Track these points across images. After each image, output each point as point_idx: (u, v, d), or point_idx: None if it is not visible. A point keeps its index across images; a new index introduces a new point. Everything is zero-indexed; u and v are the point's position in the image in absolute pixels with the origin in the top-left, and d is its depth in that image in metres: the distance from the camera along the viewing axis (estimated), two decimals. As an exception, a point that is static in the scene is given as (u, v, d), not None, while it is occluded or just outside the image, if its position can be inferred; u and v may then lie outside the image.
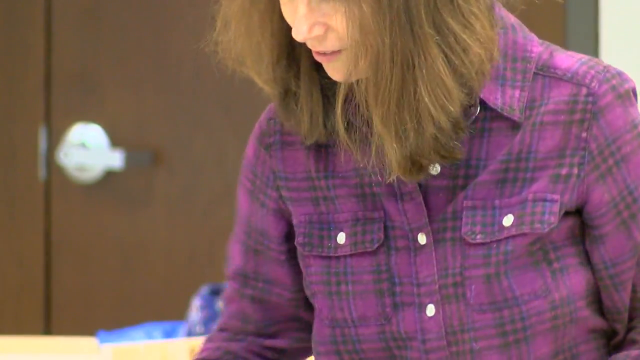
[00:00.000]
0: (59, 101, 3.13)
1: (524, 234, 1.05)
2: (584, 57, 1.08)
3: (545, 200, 1.05)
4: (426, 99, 0.99)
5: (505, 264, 1.05)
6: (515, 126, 1.05)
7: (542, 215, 1.04)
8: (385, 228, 1.08)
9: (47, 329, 3.10)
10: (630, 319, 1.09)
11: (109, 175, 3.13)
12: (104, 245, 3.13)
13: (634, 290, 1.07)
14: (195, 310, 2.53)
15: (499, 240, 1.05)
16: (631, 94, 1.07)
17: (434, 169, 1.06)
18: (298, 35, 1.00)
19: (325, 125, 1.08)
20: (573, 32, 2.97)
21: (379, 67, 1.00)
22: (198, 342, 2.16)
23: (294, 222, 1.14)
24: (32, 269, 3.13)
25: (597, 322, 1.09)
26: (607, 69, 1.06)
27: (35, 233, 3.13)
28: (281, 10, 1.03)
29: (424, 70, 0.99)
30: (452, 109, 1.01)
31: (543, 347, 1.06)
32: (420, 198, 1.07)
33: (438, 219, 1.07)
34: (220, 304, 2.51)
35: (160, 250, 3.11)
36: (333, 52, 1.02)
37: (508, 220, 1.05)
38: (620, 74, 1.07)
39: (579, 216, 1.07)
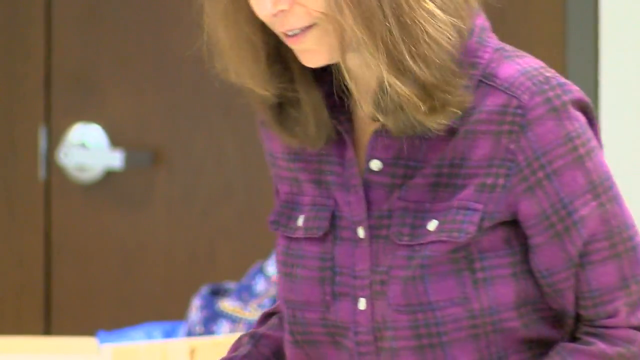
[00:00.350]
0: (59, 101, 3.13)
1: (443, 241, 1.05)
2: (530, 67, 1.07)
3: (467, 209, 1.05)
4: (428, 29, 1.01)
5: (423, 268, 1.05)
6: (452, 131, 1.05)
7: (461, 224, 1.05)
8: (334, 217, 1.10)
9: (47, 329, 3.10)
10: (577, 322, 1.09)
11: (109, 175, 3.13)
12: (104, 245, 3.13)
13: (577, 298, 1.07)
14: (195, 310, 2.53)
15: (421, 244, 1.05)
16: (569, 106, 1.05)
17: (376, 164, 1.08)
18: (263, 10, 1.00)
19: (328, 126, 1.09)
20: (573, 32, 2.97)
21: (370, 17, 1.00)
22: (198, 342, 2.16)
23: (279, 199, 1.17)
24: (32, 269, 3.13)
25: (534, 331, 1.08)
26: (547, 80, 1.05)
27: (35, 233, 3.13)
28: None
29: (416, 10, 1.01)
30: (450, 35, 1.02)
31: (463, 355, 1.06)
32: (362, 192, 1.08)
33: (375, 215, 1.08)
34: (220, 304, 2.52)
35: (160, 250, 3.11)
36: (303, 31, 1.02)
37: (432, 225, 1.06)
38: (562, 85, 1.06)
39: (516, 226, 1.07)
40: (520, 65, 1.07)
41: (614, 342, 1.06)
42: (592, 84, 2.95)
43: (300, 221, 1.12)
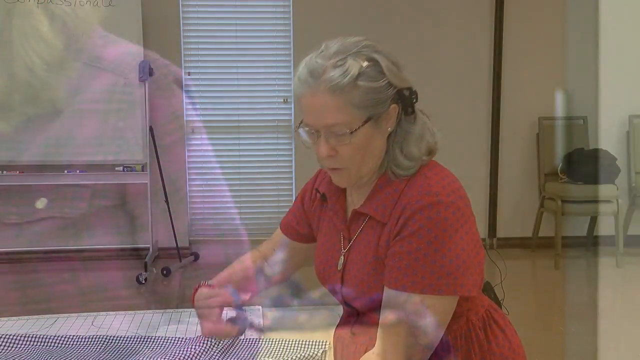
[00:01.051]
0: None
1: (54, 218, 1.08)
2: None
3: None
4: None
5: (30, 243, 1.08)
6: (58, 112, 1.07)
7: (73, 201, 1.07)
8: None
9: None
10: None
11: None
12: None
13: None
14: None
15: (29, 222, 1.09)
16: None
17: None
18: None
19: None
20: (573, 32, 2.98)
21: None
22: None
23: None
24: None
25: None
26: None
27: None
28: None
29: None
30: None
31: None
32: None
33: None
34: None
35: (162, 250, 3.10)
36: None
37: (41, 203, 1.08)
38: None
39: None
40: None
41: None
42: (592, 84, 2.95)
43: None
